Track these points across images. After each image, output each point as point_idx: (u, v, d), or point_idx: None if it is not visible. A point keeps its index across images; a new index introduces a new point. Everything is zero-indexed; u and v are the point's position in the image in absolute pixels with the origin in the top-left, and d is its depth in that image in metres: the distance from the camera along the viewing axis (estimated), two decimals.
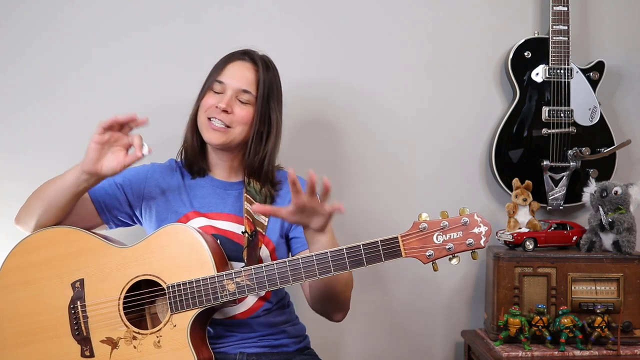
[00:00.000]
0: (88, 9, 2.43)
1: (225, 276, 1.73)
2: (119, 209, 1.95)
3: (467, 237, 1.67)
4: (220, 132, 1.91)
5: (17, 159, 2.41)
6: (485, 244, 1.68)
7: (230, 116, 1.91)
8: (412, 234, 1.68)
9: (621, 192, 2.31)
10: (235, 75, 1.94)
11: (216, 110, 1.90)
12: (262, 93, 1.94)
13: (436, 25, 2.56)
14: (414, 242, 1.68)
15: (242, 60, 1.97)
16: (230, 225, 1.93)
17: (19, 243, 1.85)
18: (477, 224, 1.68)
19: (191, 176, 1.99)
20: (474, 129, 2.57)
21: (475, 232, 1.68)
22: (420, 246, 1.68)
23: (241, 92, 1.92)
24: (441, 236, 1.68)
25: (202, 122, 1.94)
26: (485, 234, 1.68)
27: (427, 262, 1.69)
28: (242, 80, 1.93)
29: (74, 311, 1.80)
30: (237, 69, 1.95)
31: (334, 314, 1.95)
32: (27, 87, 2.41)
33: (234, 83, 1.93)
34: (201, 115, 1.94)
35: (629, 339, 2.28)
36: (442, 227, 1.68)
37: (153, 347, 1.75)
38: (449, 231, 1.68)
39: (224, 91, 1.92)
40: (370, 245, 1.67)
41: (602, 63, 2.50)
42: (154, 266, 1.78)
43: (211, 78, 1.96)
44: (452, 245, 1.67)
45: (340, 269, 1.68)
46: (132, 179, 1.97)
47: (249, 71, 1.95)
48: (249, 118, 1.93)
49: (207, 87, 1.95)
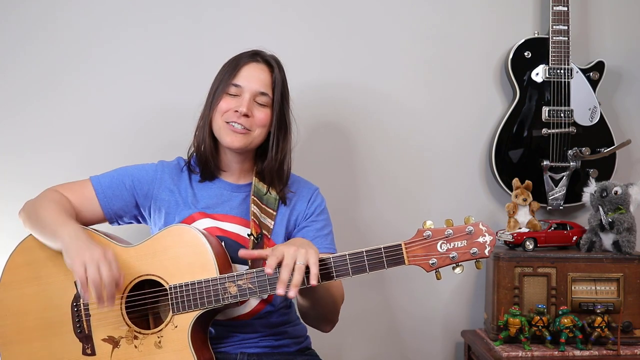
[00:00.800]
0: (88, 9, 2.43)
1: (227, 278, 1.73)
2: (126, 211, 1.95)
3: (471, 247, 1.67)
4: (241, 134, 1.89)
5: (17, 158, 2.41)
6: (490, 254, 1.67)
7: (250, 120, 1.90)
8: (416, 241, 1.68)
9: (621, 192, 2.32)
10: (252, 78, 1.92)
11: (235, 115, 1.89)
12: (278, 94, 1.94)
13: (436, 25, 2.56)
14: (418, 249, 1.67)
15: (256, 62, 1.95)
16: (236, 227, 1.93)
17: (24, 240, 1.85)
18: (482, 233, 1.67)
19: (200, 179, 1.98)
20: (474, 129, 2.57)
21: (480, 242, 1.67)
22: (424, 254, 1.67)
23: (259, 94, 1.91)
24: (445, 244, 1.67)
25: (220, 126, 1.92)
26: (490, 244, 1.67)
27: (430, 270, 1.68)
28: (259, 82, 1.92)
29: (76, 309, 1.80)
30: (252, 71, 1.93)
31: (324, 324, 1.96)
32: (27, 87, 2.41)
33: (251, 86, 1.91)
34: (218, 119, 1.92)
35: (629, 339, 2.29)
36: (447, 236, 1.67)
37: (154, 347, 1.75)
38: (454, 240, 1.67)
39: (241, 94, 1.91)
40: (373, 251, 1.67)
41: (602, 63, 2.50)
42: (156, 266, 1.77)
43: (224, 81, 1.93)
44: (456, 254, 1.67)
45: (343, 275, 1.68)
46: (142, 180, 1.95)
47: (263, 73, 1.94)
48: (267, 120, 1.92)
49: (222, 90, 1.92)
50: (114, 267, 1.66)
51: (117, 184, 1.93)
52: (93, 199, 1.92)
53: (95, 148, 2.42)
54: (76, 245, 1.68)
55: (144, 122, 2.43)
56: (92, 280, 1.62)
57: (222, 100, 1.92)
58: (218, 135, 1.93)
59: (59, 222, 1.76)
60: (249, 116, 1.89)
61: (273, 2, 2.50)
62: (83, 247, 1.66)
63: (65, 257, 1.68)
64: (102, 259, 1.64)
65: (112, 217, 1.95)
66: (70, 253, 1.67)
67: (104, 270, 1.64)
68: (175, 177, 1.98)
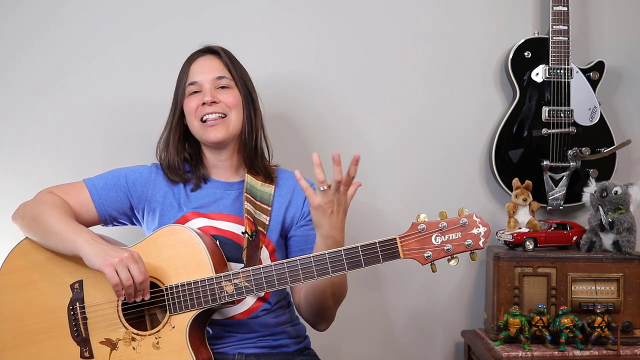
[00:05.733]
0: (90, 9, 2.43)
1: (223, 278, 1.73)
2: (120, 213, 1.96)
3: (465, 238, 1.67)
4: (219, 124, 1.91)
5: (19, 158, 2.42)
6: (484, 245, 1.68)
7: (220, 105, 1.92)
8: (411, 235, 1.68)
9: (621, 192, 2.31)
10: (203, 69, 1.95)
11: (204, 107, 1.91)
12: (236, 74, 1.97)
13: (436, 25, 2.55)
14: (413, 243, 1.68)
15: (200, 56, 1.99)
16: (230, 225, 1.93)
17: (17, 245, 1.86)
18: (476, 225, 1.67)
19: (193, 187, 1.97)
20: (474, 129, 2.57)
21: (474, 233, 1.67)
22: (419, 247, 1.67)
23: (216, 79, 1.94)
24: (440, 237, 1.68)
25: (197, 127, 1.94)
26: (484, 235, 1.67)
27: (425, 264, 1.69)
28: (212, 69, 1.95)
29: (73, 312, 1.80)
30: (202, 64, 1.97)
31: (321, 322, 1.97)
32: (29, 86, 2.41)
33: (205, 76, 1.94)
34: (193, 121, 1.94)
35: (629, 339, 2.28)
36: (441, 228, 1.67)
37: (152, 348, 1.75)
38: (448, 232, 1.67)
39: (201, 88, 1.94)
40: (368, 246, 1.68)
41: (602, 63, 2.49)
42: (152, 267, 1.78)
43: (181, 86, 1.97)
44: (451, 247, 1.67)
45: (338, 271, 1.69)
46: (136, 182, 1.96)
47: (212, 61, 1.97)
48: (237, 99, 1.95)
49: (182, 94, 1.96)
50: (142, 266, 1.71)
51: (112, 187, 1.94)
52: (88, 202, 1.93)
53: (95, 148, 2.43)
54: (99, 250, 1.71)
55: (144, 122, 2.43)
56: (126, 281, 1.68)
57: (187, 102, 1.95)
58: (200, 136, 1.95)
59: (70, 228, 1.78)
60: (217, 102, 1.91)
61: (273, 2, 2.50)
62: (107, 251, 1.71)
63: (88, 261, 1.71)
64: (130, 260, 1.69)
65: (106, 219, 1.96)
66: (95, 258, 1.70)
67: (134, 271, 1.69)
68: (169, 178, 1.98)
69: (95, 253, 1.70)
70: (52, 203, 1.86)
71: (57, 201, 1.87)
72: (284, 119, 2.46)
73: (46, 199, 1.88)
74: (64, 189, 1.94)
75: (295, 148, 2.46)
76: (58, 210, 1.83)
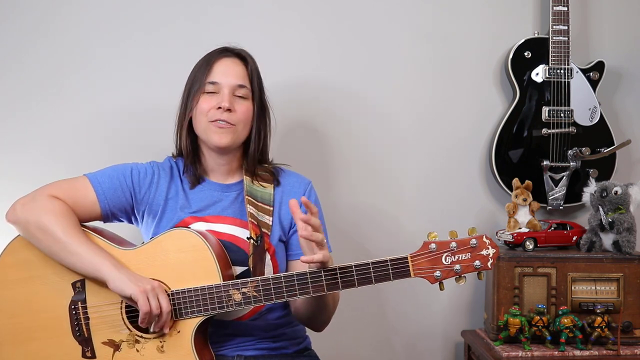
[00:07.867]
0: (90, 9, 2.42)
1: (231, 286, 1.73)
2: (122, 211, 1.94)
3: (475, 259, 1.69)
4: (226, 130, 1.88)
5: (19, 158, 2.41)
6: (492, 267, 1.70)
7: (234, 114, 1.89)
8: (422, 254, 1.70)
9: (621, 192, 2.32)
10: (228, 72, 1.91)
11: (219, 112, 1.87)
12: (256, 85, 1.94)
13: (436, 25, 2.55)
14: (424, 262, 1.70)
15: (227, 57, 1.95)
16: (230, 228, 1.91)
17: (15, 239, 1.83)
18: (486, 247, 1.70)
19: (190, 186, 1.96)
20: (474, 129, 2.57)
21: (483, 254, 1.69)
22: (429, 267, 1.70)
23: (237, 87, 1.91)
24: (450, 257, 1.70)
25: (204, 126, 1.90)
26: (493, 257, 1.70)
27: (434, 283, 1.71)
28: (235, 75, 1.91)
29: (74, 312, 1.79)
30: (226, 66, 1.93)
31: (318, 326, 1.98)
32: (29, 87, 2.41)
33: (228, 80, 1.90)
34: (201, 120, 1.90)
35: (629, 339, 2.29)
36: (452, 249, 1.69)
37: (156, 351, 1.75)
38: (458, 253, 1.70)
39: (219, 90, 1.90)
40: (379, 263, 1.69)
41: (602, 63, 2.50)
42: (158, 270, 1.77)
43: (199, 81, 1.92)
44: (460, 267, 1.69)
45: (348, 286, 1.70)
46: (142, 183, 1.93)
47: (238, 66, 1.93)
48: (250, 113, 1.92)
49: (198, 90, 1.91)
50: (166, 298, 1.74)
51: (118, 186, 1.91)
52: (93, 201, 1.88)
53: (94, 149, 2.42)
54: (129, 276, 1.73)
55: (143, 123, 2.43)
56: (155, 310, 1.70)
57: (201, 100, 1.90)
58: (204, 136, 1.92)
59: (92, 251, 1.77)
60: (232, 111, 1.88)
61: (272, 2, 2.50)
62: (136, 278, 1.74)
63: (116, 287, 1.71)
64: (160, 290, 1.73)
65: (108, 216, 1.93)
66: (127, 285, 1.71)
67: (163, 301, 1.72)
68: (169, 181, 1.96)
69: (126, 279, 1.71)
70: (60, 213, 1.80)
71: (65, 211, 1.82)
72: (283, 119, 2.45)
73: (52, 208, 1.81)
74: (65, 187, 1.88)
75: (295, 148, 2.46)
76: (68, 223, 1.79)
